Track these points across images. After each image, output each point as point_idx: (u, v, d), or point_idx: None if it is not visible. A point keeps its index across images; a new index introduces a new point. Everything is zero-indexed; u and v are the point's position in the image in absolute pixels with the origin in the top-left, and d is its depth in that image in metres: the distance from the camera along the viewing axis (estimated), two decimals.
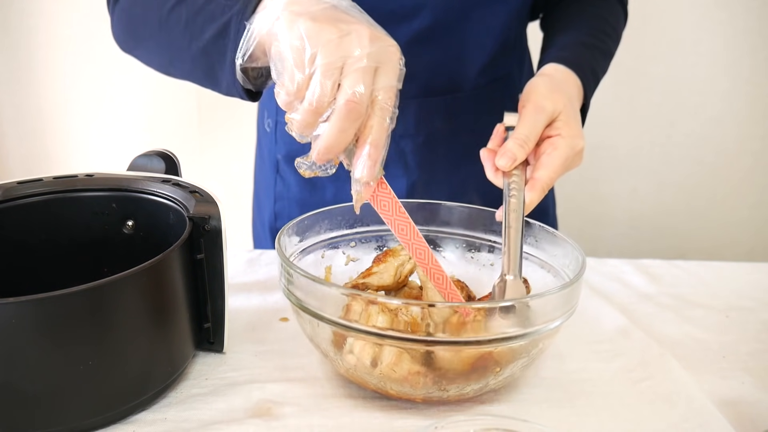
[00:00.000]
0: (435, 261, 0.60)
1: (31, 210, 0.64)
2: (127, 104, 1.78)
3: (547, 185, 0.64)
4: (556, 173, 0.65)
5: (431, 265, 0.60)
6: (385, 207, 0.58)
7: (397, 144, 0.86)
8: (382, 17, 0.79)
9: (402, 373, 0.54)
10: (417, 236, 0.59)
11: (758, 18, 1.65)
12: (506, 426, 0.49)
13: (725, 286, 0.84)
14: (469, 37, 0.83)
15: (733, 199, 1.81)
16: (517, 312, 0.52)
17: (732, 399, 0.61)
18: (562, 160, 0.65)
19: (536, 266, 0.68)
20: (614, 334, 0.71)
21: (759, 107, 1.72)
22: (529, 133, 0.66)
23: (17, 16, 1.72)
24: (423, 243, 0.60)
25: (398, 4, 0.79)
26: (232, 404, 0.58)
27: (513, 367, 0.56)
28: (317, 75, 0.51)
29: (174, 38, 0.68)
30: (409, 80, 0.83)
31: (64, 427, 0.52)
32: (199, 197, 0.62)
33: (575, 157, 0.68)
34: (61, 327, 0.48)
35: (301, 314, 0.57)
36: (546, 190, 0.64)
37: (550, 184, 0.65)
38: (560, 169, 0.65)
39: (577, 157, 0.68)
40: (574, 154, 0.67)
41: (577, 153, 0.68)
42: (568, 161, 0.67)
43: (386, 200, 0.58)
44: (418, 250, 0.60)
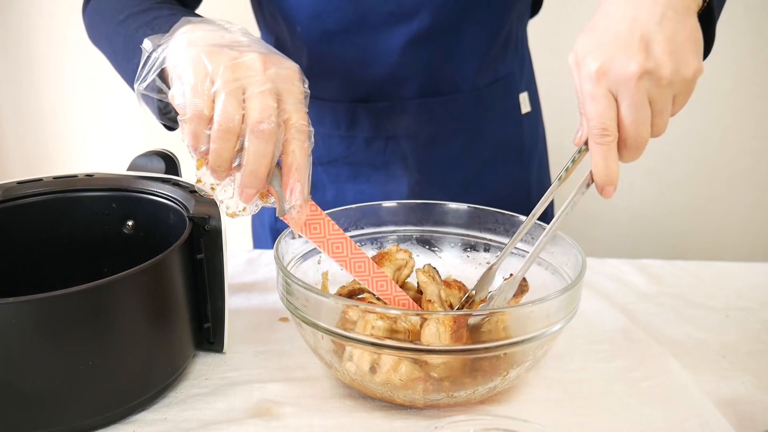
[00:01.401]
0: (376, 269, 0.59)
1: (31, 210, 0.64)
2: (127, 104, 1.78)
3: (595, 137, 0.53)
4: (588, 124, 0.53)
5: (372, 275, 0.59)
6: (316, 230, 0.58)
7: (397, 144, 0.86)
8: (381, 18, 0.80)
9: (402, 379, 0.54)
10: (354, 250, 0.59)
11: (758, 18, 1.65)
12: (506, 426, 0.49)
13: (725, 286, 0.84)
14: (468, 38, 0.83)
15: (733, 199, 1.81)
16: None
17: (732, 399, 0.61)
18: (587, 110, 0.53)
19: (534, 264, 0.68)
20: (614, 334, 0.71)
21: (759, 107, 1.72)
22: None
23: (17, 16, 1.72)
24: (361, 255, 0.59)
25: (397, 4, 0.79)
26: (232, 404, 0.58)
27: (519, 370, 0.56)
28: (220, 96, 0.50)
29: (117, 53, 0.70)
30: (408, 81, 0.84)
31: (64, 427, 0.52)
32: (199, 197, 0.62)
33: (621, 86, 0.51)
34: (61, 327, 0.48)
35: (303, 326, 0.57)
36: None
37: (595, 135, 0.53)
38: (591, 120, 0.52)
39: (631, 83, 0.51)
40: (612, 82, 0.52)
41: (620, 78, 0.51)
42: (596, 100, 0.52)
43: (317, 222, 0.58)
44: (356, 263, 0.59)
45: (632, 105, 0.51)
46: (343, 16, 0.79)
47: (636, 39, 0.51)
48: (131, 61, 0.65)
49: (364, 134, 0.86)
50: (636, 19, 0.51)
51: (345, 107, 0.86)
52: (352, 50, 0.81)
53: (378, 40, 0.81)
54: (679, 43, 0.51)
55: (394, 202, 0.74)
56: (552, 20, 1.32)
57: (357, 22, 0.80)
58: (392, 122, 0.85)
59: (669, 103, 0.53)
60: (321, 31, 0.80)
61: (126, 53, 0.67)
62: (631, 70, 0.50)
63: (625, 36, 0.51)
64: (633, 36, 0.51)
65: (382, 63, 0.82)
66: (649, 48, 0.50)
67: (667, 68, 0.50)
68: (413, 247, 0.74)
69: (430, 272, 0.64)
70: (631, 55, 0.50)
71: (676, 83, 0.51)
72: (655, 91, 0.51)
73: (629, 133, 0.53)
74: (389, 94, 0.84)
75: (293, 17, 0.81)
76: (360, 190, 0.90)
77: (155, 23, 0.64)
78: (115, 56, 0.72)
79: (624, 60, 0.50)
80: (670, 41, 0.51)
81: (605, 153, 0.53)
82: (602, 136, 0.52)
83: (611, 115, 0.52)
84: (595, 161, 0.54)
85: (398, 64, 0.82)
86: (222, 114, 0.50)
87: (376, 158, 0.88)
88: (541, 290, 0.64)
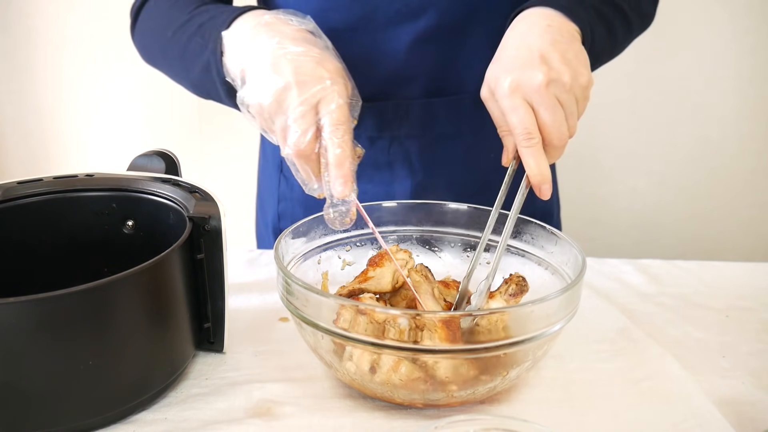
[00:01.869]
0: None
1: (31, 210, 0.64)
2: (127, 104, 1.78)
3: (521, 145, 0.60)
4: (514, 132, 0.60)
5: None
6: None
7: (401, 144, 0.86)
8: (387, 17, 0.79)
9: (402, 380, 0.54)
10: None
11: (758, 18, 1.65)
12: (506, 426, 0.49)
13: (725, 286, 0.84)
14: (475, 38, 0.83)
15: (733, 198, 1.81)
16: None
17: (732, 399, 0.61)
18: (509, 120, 0.60)
19: (534, 264, 0.69)
20: (614, 334, 0.71)
21: (759, 107, 1.72)
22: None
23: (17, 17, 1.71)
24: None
25: (403, 3, 0.79)
26: (232, 404, 0.58)
27: (519, 370, 0.56)
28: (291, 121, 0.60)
29: (175, 67, 0.78)
30: (414, 81, 0.84)
31: (64, 427, 0.52)
32: (199, 197, 0.62)
33: (533, 93, 0.59)
34: (61, 327, 0.48)
35: (303, 326, 0.57)
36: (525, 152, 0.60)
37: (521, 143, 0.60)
38: (516, 128, 0.59)
39: (536, 89, 0.59)
40: (523, 90, 0.60)
41: (531, 88, 0.59)
42: (516, 110, 0.59)
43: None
44: None
45: (548, 108, 0.59)
46: (348, 14, 0.79)
47: (536, 57, 0.60)
48: (191, 71, 0.73)
49: (368, 134, 0.86)
50: (531, 45, 0.62)
51: None
52: (358, 49, 0.81)
53: (384, 39, 0.80)
54: (570, 58, 0.61)
55: (394, 202, 0.74)
56: None
57: (363, 20, 0.79)
58: (397, 122, 0.85)
59: (575, 106, 0.61)
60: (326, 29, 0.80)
61: (184, 65, 0.74)
62: (539, 79, 0.59)
63: (526, 57, 0.61)
64: (533, 56, 0.61)
65: (388, 62, 0.82)
66: (549, 62, 0.60)
67: (566, 75, 0.60)
68: (413, 247, 0.74)
69: (422, 271, 0.64)
70: (535, 68, 0.60)
71: (575, 88, 0.61)
72: (563, 96, 0.60)
73: (552, 133, 0.60)
74: (394, 93, 0.84)
75: None
76: (363, 190, 0.89)
77: (202, 30, 0.70)
78: (173, 71, 0.79)
79: (531, 73, 0.59)
80: (563, 56, 0.61)
81: (534, 154, 0.59)
82: (528, 139, 0.59)
83: (532, 120, 0.59)
84: (527, 163, 0.59)
85: (404, 64, 0.82)
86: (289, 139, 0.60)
87: (380, 158, 0.88)
88: (541, 290, 0.64)
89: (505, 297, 0.62)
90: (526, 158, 0.59)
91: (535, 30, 0.64)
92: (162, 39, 0.77)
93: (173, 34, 0.74)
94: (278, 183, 0.96)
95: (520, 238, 0.70)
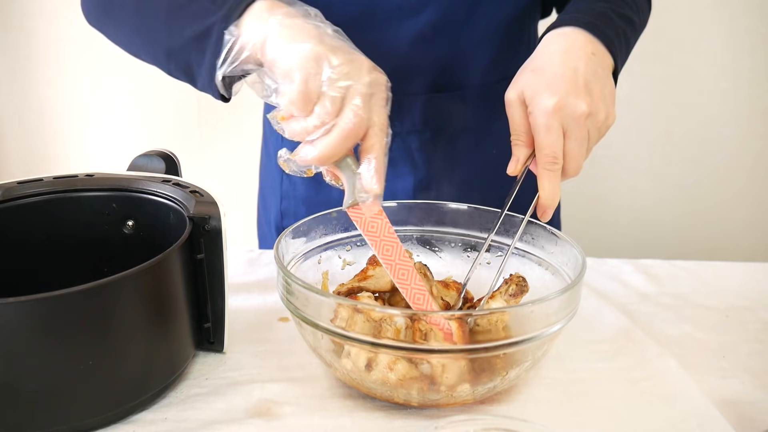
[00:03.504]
0: (418, 281, 0.59)
1: (31, 210, 0.64)
2: (127, 104, 1.78)
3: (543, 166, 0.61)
4: (540, 152, 0.60)
5: (413, 286, 0.59)
6: (373, 228, 0.59)
7: (403, 140, 0.86)
8: (389, 12, 0.79)
9: (398, 378, 0.54)
10: (402, 257, 0.59)
11: (758, 18, 1.65)
12: (506, 426, 0.49)
13: (725, 286, 0.84)
14: (476, 33, 0.83)
15: (733, 198, 1.81)
16: None
17: (732, 399, 0.61)
18: (540, 139, 0.60)
19: (534, 264, 0.69)
20: (614, 334, 0.71)
21: (759, 107, 1.72)
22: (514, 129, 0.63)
23: (17, 17, 1.72)
24: (408, 263, 0.59)
25: None
26: (232, 404, 0.58)
27: (519, 370, 0.56)
28: (329, 94, 0.54)
29: (151, 28, 0.68)
30: (416, 76, 0.84)
31: (64, 427, 0.52)
32: (199, 197, 0.62)
33: (572, 122, 0.59)
34: (61, 327, 0.48)
35: (303, 326, 0.57)
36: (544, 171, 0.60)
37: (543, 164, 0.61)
38: (544, 148, 0.59)
39: (574, 119, 0.59)
40: (561, 119, 0.59)
41: (572, 116, 0.59)
42: (551, 131, 0.59)
43: (376, 221, 0.59)
44: (401, 270, 0.59)
45: (578, 140, 0.60)
46: (350, 10, 0.79)
47: (581, 85, 0.60)
48: (179, 34, 0.64)
49: None
50: (577, 70, 0.61)
51: None
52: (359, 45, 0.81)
53: (386, 35, 0.80)
54: (606, 94, 0.62)
55: (394, 202, 0.74)
56: None
57: (365, 15, 0.79)
58: (399, 118, 0.85)
59: (594, 142, 0.62)
60: None
61: (173, 25, 0.65)
62: (581, 109, 0.59)
63: (571, 80, 0.60)
64: (578, 82, 0.60)
65: (390, 57, 0.82)
66: (591, 94, 0.60)
67: (602, 113, 0.61)
68: (413, 247, 0.74)
69: (421, 269, 0.64)
70: (580, 97, 0.59)
71: (603, 128, 0.62)
72: (592, 131, 0.61)
73: (571, 163, 0.61)
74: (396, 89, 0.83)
75: None
76: None
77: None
78: (145, 29, 0.69)
79: (575, 100, 0.59)
80: (601, 92, 0.62)
81: (553, 179, 0.60)
82: (553, 164, 0.60)
83: (560, 145, 0.60)
84: (543, 185, 0.60)
85: (406, 59, 0.82)
86: (325, 112, 0.54)
87: None
88: (541, 290, 0.64)
89: (506, 297, 0.62)
90: (543, 180, 0.60)
91: (581, 55, 0.63)
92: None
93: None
94: (281, 181, 0.96)
95: (520, 239, 0.70)
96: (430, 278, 0.65)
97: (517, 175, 0.63)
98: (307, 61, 0.54)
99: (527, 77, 0.63)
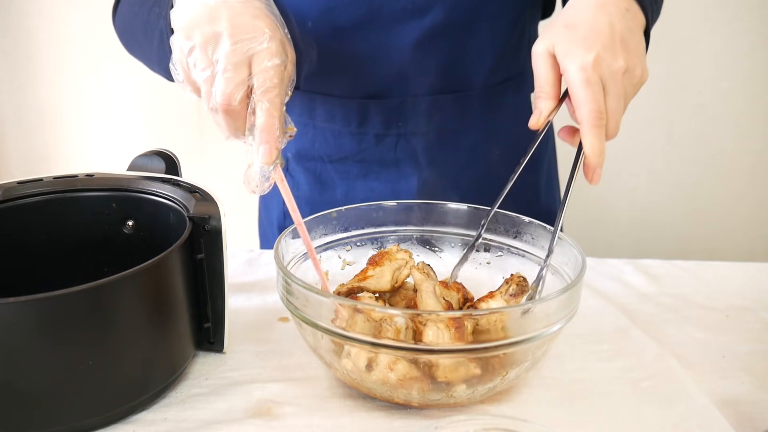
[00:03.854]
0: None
1: (31, 210, 0.64)
2: (127, 104, 1.78)
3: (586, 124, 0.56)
4: (583, 108, 0.56)
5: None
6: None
7: (407, 142, 0.86)
8: (393, 14, 0.79)
9: (398, 378, 0.54)
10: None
11: (758, 18, 1.65)
12: (506, 426, 0.49)
13: (725, 286, 0.84)
14: (481, 34, 0.83)
15: (733, 199, 1.81)
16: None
17: (732, 399, 0.61)
18: (582, 94, 0.56)
19: (534, 264, 0.68)
20: (614, 334, 0.71)
21: (759, 107, 1.72)
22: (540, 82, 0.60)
23: (17, 17, 1.72)
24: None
25: (409, 0, 0.79)
26: (232, 404, 0.58)
27: (519, 370, 0.56)
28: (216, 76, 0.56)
29: (143, 46, 0.74)
30: (420, 77, 0.84)
31: (64, 427, 0.52)
32: (199, 197, 0.62)
33: (610, 78, 0.56)
34: (61, 327, 0.48)
35: (303, 326, 0.57)
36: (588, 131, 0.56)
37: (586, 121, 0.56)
38: (589, 103, 0.55)
39: (613, 77, 0.56)
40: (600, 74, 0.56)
41: (611, 71, 0.56)
42: (592, 86, 0.56)
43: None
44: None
45: (616, 97, 0.57)
46: (355, 12, 0.79)
47: (618, 40, 0.57)
48: (152, 46, 0.69)
49: (374, 131, 0.86)
50: (613, 24, 0.58)
51: (356, 104, 0.85)
52: (364, 46, 0.81)
53: (390, 36, 0.80)
54: (641, 52, 0.59)
55: (395, 202, 0.74)
56: None
57: (369, 17, 0.79)
58: (403, 119, 0.85)
59: (629, 100, 0.59)
60: (332, 26, 0.80)
61: (147, 40, 0.70)
62: (619, 65, 0.56)
63: (608, 35, 0.57)
64: (615, 38, 0.57)
65: (394, 59, 0.82)
66: (628, 50, 0.58)
67: (638, 69, 0.58)
68: (413, 247, 0.74)
69: (424, 269, 0.64)
70: (617, 53, 0.57)
71: (638, 85, 0.59)
72: (629, 88, 0.58)
73: (611, 122, 0.57)
74: (400, 90, 0.84)
75: (304, 12, 0.80)
76: (370, 188, 0.89)
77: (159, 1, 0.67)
78: (142, 51, 0.75)
79: (613, 56, 0.56)
80: (637, 48, 0.59)
81: (600, 135, 0.56)
82: (599, 119, 0.55)
83: (602, 100, 0.56)
84: (591, 143, 0.56)
85: (410, 61, 0.82)
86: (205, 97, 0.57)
87: (386, 155, 0.87)
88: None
89: (506, 297, 0.62)
90: (589, 138, 0.56)
91: (616, 11, 0.60)
92: (131, 16, 0.74)
93: (139, 8, 0.72)
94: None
95: (520, 238, 0.70)
96: (434, 277, 0.65)
97: (538, 129, 0.60)
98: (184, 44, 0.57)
99: (560, 32, 0.59)
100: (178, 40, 0.57)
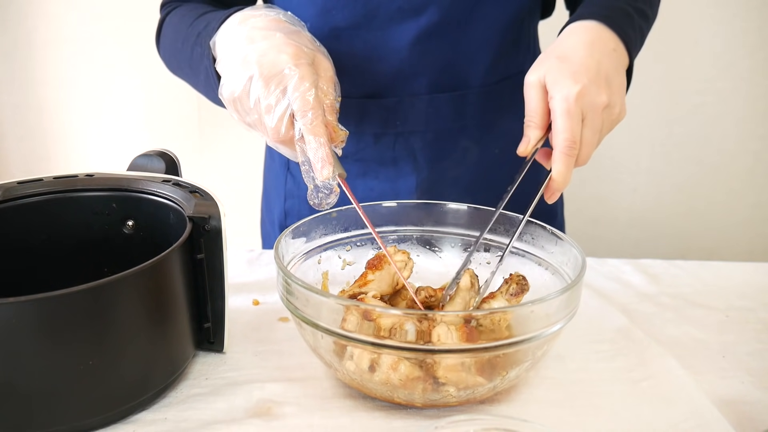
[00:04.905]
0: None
1: (31, 210, 0.64)
2: (127, 104, 1.78)
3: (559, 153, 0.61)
4: (559, 135, 0.60)
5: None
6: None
7: (405, 141, 0.87)
8: (390, 14, 0.80)
9: (401, 379, 0.54)
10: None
11: (758, 18, 1.65)
12: (506, 426, 0.49)
13: (725, 286, 0.84)
14: (477, 33, 0.83)
15: (733, 199, 1.81)
16: None
17: (732, 399, 0.61)
18: (561, 123, 0.60)
19: (534, 264, 0.69)
20: (614, 334, 0.71)
21: (759, 107, 1.72)
22: (530, 113, 0.64)
23: (17, 17, 1.71)
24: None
25: (405, 0, 0.79)
26: (232, 404, 0.58)
27: (519, 370, 0.56)
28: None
29: (190, 78, 0.79)
30: (418, 77, 0.84)
31: (64, 427, 0.52)
32: (199, 197, 0.62)
33: (590, 111, 0.61)
34: (61, 327, 0.48)
35: (303, 326, 0.57)
36: (558, 160, 0.61)
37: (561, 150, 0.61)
38: (565, 132, 0.60)
39: (594, 110, 0.61)
40: (581, 107, 0.61)
41: (592, 104, 0.61)
42: (572, 117, 0.60)
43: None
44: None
45: (593, 129, 0.62)
46: (351, 12, 0.79)
47: (603, 77, 0.63)
48: (199, 81, 0.74)
49: (372, 130, 0.86)
50: (600, 62, 0.64)
51: (354, 103, 0.85)
52: (361, 46, 0.81)
53: (387, 36, 0.81)
54: (622, 90, 0.65)
55: (394, 202, 0.74)
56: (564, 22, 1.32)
57: (366, 17, 0.80)
58: (401, 118, 0.85)
59: (605, 134, 0.65)
60: (329, 27, 0.80)
61: (194, 75, 0.75)
62: (602, 99, 0.62)
63: (595, 72, 0.63)
64: (600, 75, 0.63)
65: (391, 59, 0.82)
66: (611, 87, 0.63)
67: (618, 106, 0.64)
68: (413, 247, 0.74)
69: (472, 277, 0.65)
70: (601, 89, 0.62)
71: (615, 121, 0.65)
72: (606, 123, 0.63)
73: (583, 152, 0.62)
74: (398, 90, 0.84)
75: (301, 14, 0.80)
76: (369, 187, 0.90)
77: (200, 39, 0.71)
78: (190, 81, 0.80)
79: (597, 90, 0.62)
80: (619, 87, 0.65)
81: (569, 164, 0.61)
82: (572, 148, 0.60)
83: (579, 131, 0.61)
84: (559, 169, 0.61)
85: (407, 60, 0.82)
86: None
87: (385, 154, 0.88)
88: (541, 290, 0.64)
89: (506, 297, 0.62)
90: (558, 164, 0.60)
91: (604, 49, 0.66)
92: (175, 51, 0.79)
93: (182, 45, 0.76)
94: (285, 180, 0.96)
95: (520, 238, 0.70)
96: (478, 289, 0.64)
97: (526, 156, 0.64)
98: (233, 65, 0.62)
99: (552, 63, 0.64)
100: (223, 91, 0.63)
